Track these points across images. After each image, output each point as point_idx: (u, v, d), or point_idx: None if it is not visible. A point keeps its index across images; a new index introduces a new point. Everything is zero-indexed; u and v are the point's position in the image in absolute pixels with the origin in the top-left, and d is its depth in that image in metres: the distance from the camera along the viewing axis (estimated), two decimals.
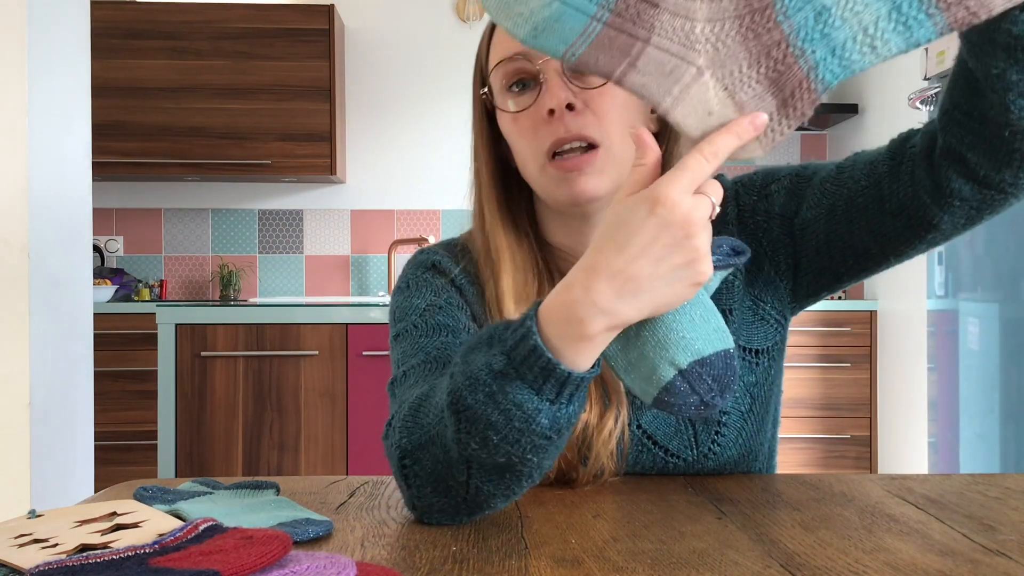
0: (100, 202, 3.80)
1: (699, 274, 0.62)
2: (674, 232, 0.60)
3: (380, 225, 3.97)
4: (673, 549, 0.65)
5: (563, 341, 0.64)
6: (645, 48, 0.60)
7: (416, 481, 0.73)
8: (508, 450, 0.67)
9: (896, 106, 3.29)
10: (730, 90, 0.60)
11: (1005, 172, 0.72)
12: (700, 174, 0.60)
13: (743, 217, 0.95)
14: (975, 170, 0.74)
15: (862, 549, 0.65)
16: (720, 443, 0.91)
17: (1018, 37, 0.64)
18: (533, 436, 0.66)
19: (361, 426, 2.64)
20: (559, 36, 0.61)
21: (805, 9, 0.58)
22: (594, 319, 0.63)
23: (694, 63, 0.61)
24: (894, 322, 3.33)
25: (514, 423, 0.65)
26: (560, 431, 0.67)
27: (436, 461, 0.71)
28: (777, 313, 0.95)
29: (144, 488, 0.79)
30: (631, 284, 0.62)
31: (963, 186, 0.75)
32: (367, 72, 3.95)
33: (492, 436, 0.66)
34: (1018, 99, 0.67)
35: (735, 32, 0.60)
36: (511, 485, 0.71)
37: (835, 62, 0.58)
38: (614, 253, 0.62)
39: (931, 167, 0.77)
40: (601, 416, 0.87)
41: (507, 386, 0.65)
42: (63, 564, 0.53)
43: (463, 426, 0.67)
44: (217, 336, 2.63)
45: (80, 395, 1.93)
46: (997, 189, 0.74)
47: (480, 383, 0.66)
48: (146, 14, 3.60)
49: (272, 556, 0.53)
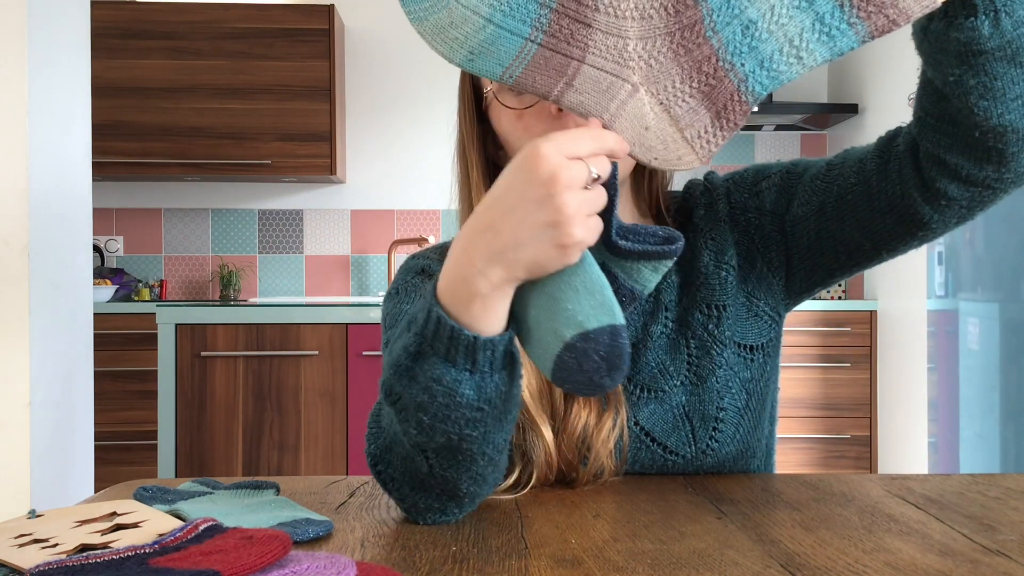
0: (100, 202, 3.80)
1: (565, 235, 0.60)
2: (537, 188, 0.60)
3: (380, 225, 3.97)
4: (673, 549, 0.65)
5: (457, 306, 0.64)
6: (580, 67, 0.62)
7: (393, 484, 0.74)
8: (444, 428, 0.66)
9: (896, 106, 3.29)
10: (665, 104, 0.62)
11: (987, 168, 0.74)
12: (580, 141, 0.60)
13: (735, 214, 0.95)
14: (957, 171, 0.75)
15: (862, 549, 0.65)
16: (718, 439, 0.92)
17: (966, 43, 0.66)
18: (461, 409, 0.65)
19: (361, 426, 2.63)
20: (495, 59, 0.62)
21: (732, 24, 0.60)
22: (475, 278, 0.63)
23: (629, 80, 0.62)
24: (894, 322, 3.33)
25: (438, 399, 0.65)
26: (491, 401, 0.66)
27: (401, 459, 0.72)
28: (771, 309, 0.96)
29: (144, 488, 0.79)
30: (499, 240, 0.62)
31: (949, 186, 0.77)
32: (367, 72, 3.95)
33: (423, 418, 0.66)
34: (979, 101, 0.69)
35: (667, 48, 0.61)
36: (470, 467, 0.70)
37: (763, 74, 0.60)
38: (485, 208, 0.63)
39: (917, 168, 0.79)
40: (600, 416, 0.87)
41: (424, 363, 0.65)
42: (63, 564, 0.53)
43: (400, 415, 0.68)
44: (217, 336, 2.63)
45: (80, 395, 1.93)
46: (983, 186, 0.76)
47: (402, 368, 0.66)
48: (146, 14, 3.60)
49: (272, 556, 0.53)
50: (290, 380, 2.64)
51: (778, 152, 4.09)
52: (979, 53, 0.67)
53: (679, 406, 0.92)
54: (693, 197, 0.99)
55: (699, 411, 0.92)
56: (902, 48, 3.27)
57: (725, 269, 0.94)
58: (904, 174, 0.80)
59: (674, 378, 0.92)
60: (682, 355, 0.92)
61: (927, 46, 0.70)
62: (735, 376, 0.93)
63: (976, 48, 0.66)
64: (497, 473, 0.75)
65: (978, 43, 0.66)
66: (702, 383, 0.92)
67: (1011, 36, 0.66)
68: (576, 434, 0.86)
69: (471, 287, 0.63)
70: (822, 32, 0.58)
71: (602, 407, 0.88)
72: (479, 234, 0.63)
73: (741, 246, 0.95)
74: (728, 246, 0.94)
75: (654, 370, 0.91)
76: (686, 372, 0.92)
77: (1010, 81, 0.68)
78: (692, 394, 0.92)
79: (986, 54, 0.67)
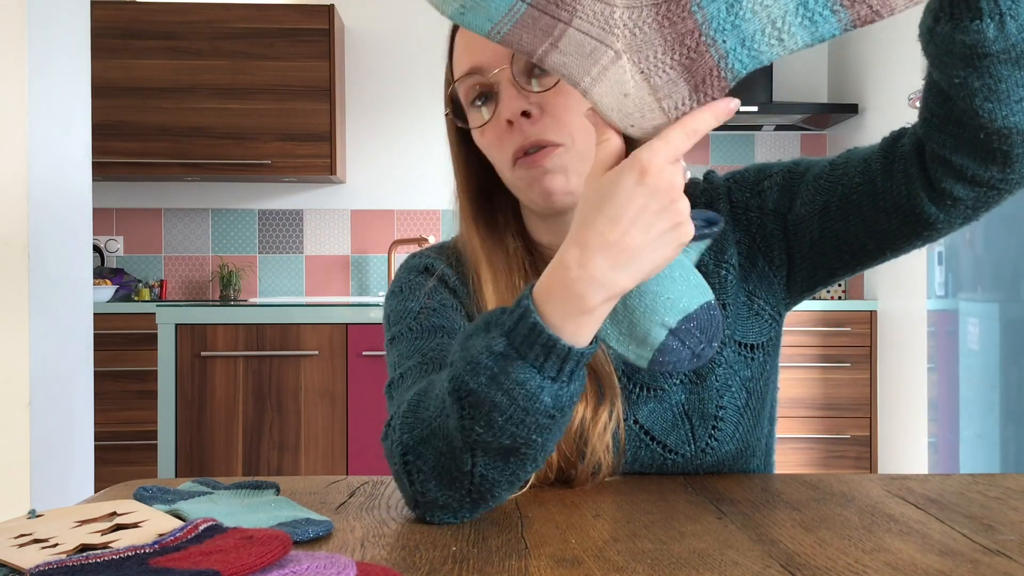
0: (100, 202, 3.80)
1: (684, 234, 0.65)
2: (661, 198, 0.63)
3: (380, 225, 3.97)
4: (673, 549, 0.65)
5: (564, 318, 0.66)
6: (567, 29, 0.64)
7: (420, 476, 0.73)
8: (513, 431, 0.67)
9: (896, 105, 3.29)
10: (646, 74, 0.64)
11: (992, 169, 0.75)
12: (681, 146, 0.63)
13: (736, 214, 0.95)
14: (963, 171, 0.76)
15: (862, 549, 0.65)
16: (717, 438, 0.92)
17: (972, 46, 0.66)
18: (537, 415, 0.67)
19: (361, 426, 2.64)
20: (485, 14, 0.64)
21: (718, 1, 0.60)
22: (594, 293, 0.65)
23: (612, 46, 0.64)
24: (894, 322, 3.33)
25: (518, 402, 0.66)
26: (563, 410, 0.68)
27: (439, 453, 0.72)
28: (772, 308, 0.96)
29: (144, 488, 0.79)
30: (625, 254, 0.64)
31: (955, 186, 0.77)
32: (367, 72, 3.95)
33: (497, 418, 0.67)
34: (984, 103, 0.70)
35: (652, 19, 0.63)
36: (516, 470, 0.71)
37: (744, 52, 0.61)
38: (607, 225, 0.64)
39: (923, 168, 0.79)
40: (596, 410, 0.87)
41: (509, 366, 0.66)
42: (63, 564, 0.53)
43: (467, 411, 0.68)
44: (217, 336, 2.63)
45: (80, 395, 1.93)
46: (988, 186, 0.77)
47: (481, 366, 0.67)
48: (146, 14, 3.60)
49: (272, 556, 0.53)
50: (290, 380, 2.65)
51: (778, 152, 4.09)
52: (984, 56, 0.67)
53: (678, 404, 0.92)
54: (692, 196, 0.99)
55: (698, 409, 0.92)
56: (902, 48, 3.27)
57: (725, 268, 0.94)
58: (910, 173, 0.80)
59: (673, 376, 0.92)
60: None
61: (933, 48, 0.70)
62: (735, 375, 0.93)
63: (981, 51, 0.67)
64: (526, 480, 0.76)
65: (983, 46, 0.66)
66: (702, 381, 0.92)
67: (1016, 39, 0.66)
68: (573, 428, 0.86)
69: (585, 302, 0.66)
70: (805, 16, 0.60)
71: (598, 401, 0.88)
72: (600, 253, 0.65)
73: (742, 245, 0.95)
74: (728, 245, 0.94)
75: None
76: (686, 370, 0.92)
77: (1015, 84, 0.69)
78: (692, 392, 0.92)
79: (991, 57, 0.67)
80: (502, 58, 0.86)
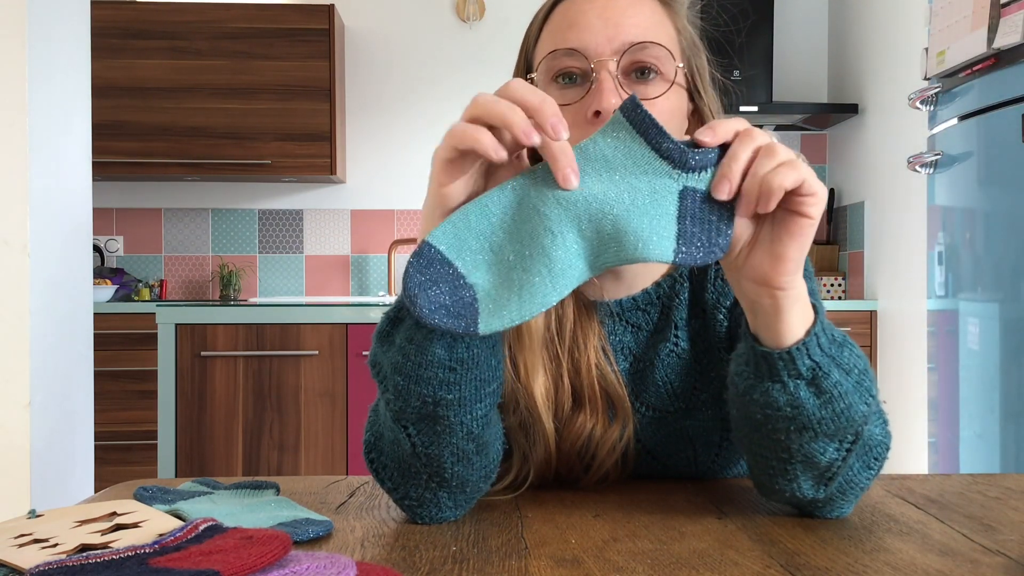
0: (100, 202, 3.80)
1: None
2: None
3: (380, 225, 3.97)
4: (673, 549, 0.65)
5: None
6: None
7: (385, 472, 0.76)
8: (418, 391, 0.68)
9: (896, 106, 3.29)
10: None
11: None
12: None
13: (698, 292, 0.91)
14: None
15: (862, 549, 0.65)
16: (720, 463, 0.91)
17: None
18: (434, 368, 0.67)
19: (361, 426, 2.63)
20: None
21: None
22: None
23: None
24: (894, 322, 3.33)
25: (411, 358, 0.68)
26: (463, 362, 0.68)
27: (390, 443, 0.75)
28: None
29: (144, 488, 0.79)
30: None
31: None
32: (367, 72, 3.95)
33: (399, 380, 0.69)
34: None
35: None
36: (449, 439, 0.70)
37: None
38: None
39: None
40: (605, 428, 0.86)
41: (400, 327, 0.69)
42: (63, 564, 0.53)
43: (381, 385, 0.71)
44: (217, 336, 2.63)
45: (80, 395, 1.93)
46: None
47: (382, 334, 0.71)
48: (146, 14, 3.60)
49: (272, 556, 0.53)
50: (290, 380, 2.65)
51: None
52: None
53: (684, 429, 0.89)
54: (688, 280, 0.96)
55: (703, 437, 0.89)
56: (902, 48, 3.27)
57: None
58: None
59: (679, 400, 0.89)
60: (690, 377, 0.89)
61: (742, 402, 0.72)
62: None
63: None
64: (485, 460, 0.74)
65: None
66: (707, 409, 0.89)
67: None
68: (579, 441, 0.85)
69: None
70: None
71: (608, 420, 0.86)
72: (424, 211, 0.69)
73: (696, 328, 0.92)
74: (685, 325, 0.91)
75: (660, 390, 0.89)
76: (692, 395, 0.89)
77: None
78: (697, 419, 0.89)
79: None
80: (612, 50, 0.83)
